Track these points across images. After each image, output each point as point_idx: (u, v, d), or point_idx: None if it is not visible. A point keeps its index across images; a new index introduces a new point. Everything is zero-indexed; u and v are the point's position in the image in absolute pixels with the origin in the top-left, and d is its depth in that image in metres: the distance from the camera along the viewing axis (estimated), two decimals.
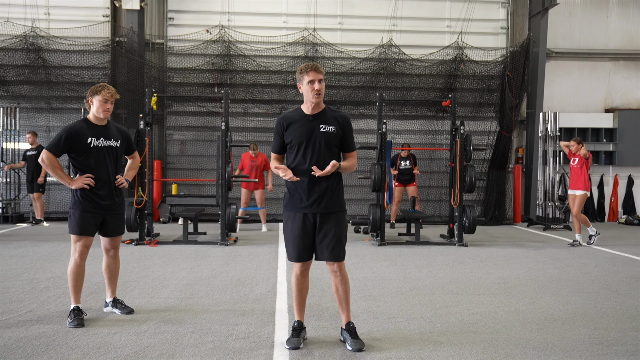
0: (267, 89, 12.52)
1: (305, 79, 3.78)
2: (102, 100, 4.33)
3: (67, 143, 4.30)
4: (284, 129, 3.84)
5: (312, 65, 3.81)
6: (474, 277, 6.43)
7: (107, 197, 4.42)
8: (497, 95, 12.91)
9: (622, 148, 13.32)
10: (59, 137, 4.30)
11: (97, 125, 4.41)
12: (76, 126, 4.36)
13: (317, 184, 3.78)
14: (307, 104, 3.85)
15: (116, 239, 4.62)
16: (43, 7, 12.23)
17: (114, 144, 4.46)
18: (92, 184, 4.32)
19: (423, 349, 3.87)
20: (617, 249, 8.74)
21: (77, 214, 4.35)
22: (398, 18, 12.84)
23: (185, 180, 12.27)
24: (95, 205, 4.37)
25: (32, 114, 12.13)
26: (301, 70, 3.82)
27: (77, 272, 4.38)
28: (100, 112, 4.36)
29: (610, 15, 13.50)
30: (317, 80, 3.76)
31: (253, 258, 7.50)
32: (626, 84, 13.59)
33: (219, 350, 3.79)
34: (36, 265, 6.77)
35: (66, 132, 4.32)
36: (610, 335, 4.25)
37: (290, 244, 3.87)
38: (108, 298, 4.67)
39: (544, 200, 12.80)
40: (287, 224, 3.91)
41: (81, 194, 4.36)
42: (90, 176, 4.33)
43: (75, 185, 4.32)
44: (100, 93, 4.33)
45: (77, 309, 4.37)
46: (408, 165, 11.10)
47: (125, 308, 4.61)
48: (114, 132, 4.50)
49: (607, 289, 5.87)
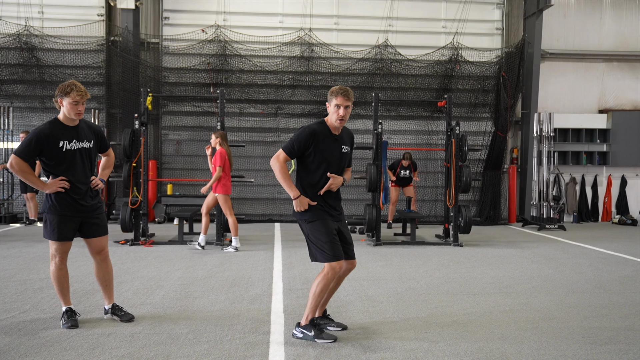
0: (262, 89, 12.51)
1: (333, 101, 3.94)
2: (72, 103, 4.06)
3: (38, 147, 4.06)
4: (312, 143, 3.94)
5: (344, 91, 3.94)
6: (469, 277, 6.46)
7: (83, 199, 4.21)
8: (492, 95, 12.95)
9: (615, 148, 13.40)
10: (29, 142, 4.05)
11: (69, 127, 4.17)
12: (46, 129, 4.10)
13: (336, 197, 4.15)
14: (331, 125, 4.02)
15: (100, 241, 4.37)
16: (37, 6, 12.17)
17: (87, 145, 4.25)
18: (67, 186, 4.12)
19: (419, 349, 3.88)
20: (610, 249, 8.80)
21: (54, 220, 4.15)
22: (394, 18, 12.86)
23: (180, 180, 12.25)
24: (72, 208, 4.17)
25: (25, 113, 12.06)
26: (332, 92, 3.96)
27: (60, 275, 4.25)
28: (72, 114, 4.11)
29: (604, 17, 13.58)
30: (343, 107, 3.92)
31: (248, 258, 7.49)
32: (620, 85, 13.67)
33: (214, 350, 3.79)
34: (29, 265, 6.73)
35: (36, 136, 4.06)
36: (604, 334, 4.29)
37: (331, 244, 3.92)
38: (106, 305, 4.49)
39: (538, 200, 12.85)
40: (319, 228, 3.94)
41: (56, 198, 4.14)
42: (64, 179, 4.12)
43: (50, 190, 4.11)
44: (69, 95, 4.04)
45: (70, 310, 4.29)
46: (408, 174, 11.16)
47: (126, 315, 4.43)
48: (85, 132, 4.26)
49: (600, 288, 5.92)
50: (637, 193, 13.70)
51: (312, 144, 3.92)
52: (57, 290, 4.29)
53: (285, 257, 7.58)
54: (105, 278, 4.45)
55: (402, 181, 11.18)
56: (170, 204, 11.32)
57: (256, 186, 12.07)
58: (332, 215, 4.03)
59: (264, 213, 12.38)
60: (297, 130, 4.05)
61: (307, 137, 3.92)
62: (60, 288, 4.28)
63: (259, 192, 12.35)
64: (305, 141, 3.92)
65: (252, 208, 12.38)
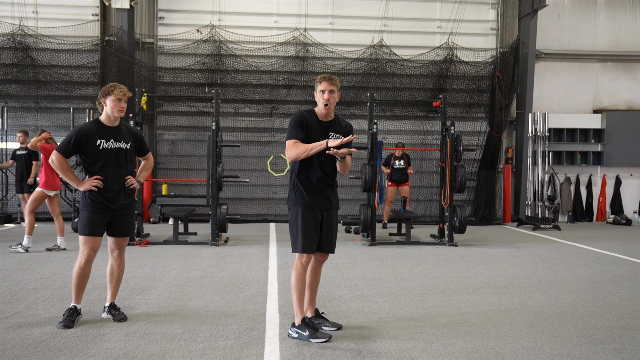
0: (258, 89, 12.51)
1: (318, 87, 4.03)
2: (115, 100, 4.32)
3: (77, 145, 4.30)
4: (304, 125, 4.00)
5: (327, 76, 4.04)
6: (464, 276, 6.48)
7: (116, 198, 4.39)
8: (487, 95, 13.00)
9: (610, 149, 13.46)
10: (69, 139, 4.31)
11: (108, 127, 4.39)
12: (86, 127, 4.35)
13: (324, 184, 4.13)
14: (319, 112, 4.08)
15: (122, 240, 4.55)
16: (31, 5, 12.13)
17: (124, 146, 4.44)
18: (100, 185, 4.32)
19: (414, 349, 3.89)
20: (605, 249, 8.84)
21: (86, 215, 4.34)
22: (389, 19, 12.88)
23: (175, 180, 12.24)
24: (103, 206, 4.36)
25: (20, 113, 12.02)
26: (317, 80, 4.06)
27: (83, 274, 4.39)
28: (115, 111, 4.34)
29: (598, 17, 13.64)
30: (327, 91, 3.99)
31: (244, 258, 7.49)
32: (614, 85, 13.73)
33: (210, 350, 3.79)
34: (24, 266, 6.70)
35: (76, 133, 4.32)
36: (598, 334, 4.30)
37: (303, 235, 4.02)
38: (107, 302, 4.59)
39: (533, 200, 12.91)
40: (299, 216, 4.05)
41: (89, 196, 4.34)
42: (98, 178, 4.32)
43: (84, 187, 4.32)
44: (112, 93, 4.33)
45: (74, 308, 4.38)
46: (402, 164, 11.14)
47: (119, 315, 4.51)
48: (124, 133, 4.47)
49: (595, 288, 5.95)
50: (631, 193, 13.76)
51: (305, 126, 3.99)
52: (74, 285, 4.40)
53: (281, 257, 7.59)
54: (115, 274, 4.58)
55: (397, 174, 11.10)
56: (165, 204, 11.30)
57: (251, 186, 12.10)
58: (321, 204, 4.08)
59: (259, 213, 12.38)
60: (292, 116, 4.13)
61: (299, 120, 4.00)
62: (78, 285, 4.40)
63: (254, 192, 12.35)
64: (299, 122, 3.99)
65: (247, 208, 12.38)
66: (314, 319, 4.26)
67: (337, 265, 6.92)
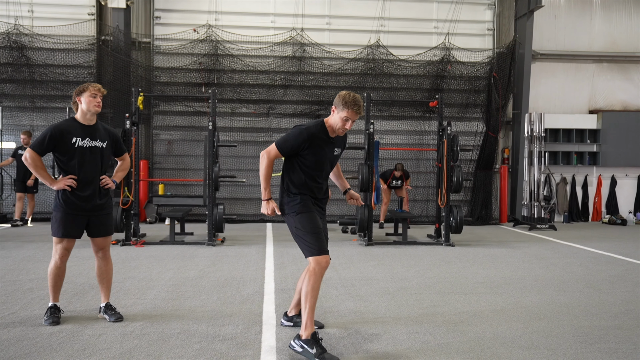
0: (254, 88, 12.52)
1: (343, 112, 3.79)
2: (90, 96, 4.28)
3: (52, 142, 4.24)
4: (307, 145, 3.83)
5: (357, 106, 3.77)
6: (460, 276, 6.50)
7: (91, 198, 4.33)
8: (484, 96, 13.05)
9: (605, 149, 13.55)
10: (44, 136, 4.24)
11: (84, 125, 4.34)
12: (61, 125, 4.30)
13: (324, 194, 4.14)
14: (330, 129, 3.91)
15: (103, 240, 4.50)
16: (26, 5, 12.11)
17: (99, 145, 4.38)
18: (74, 185, 4.25)
19: (410, 348, 3.90)
20: (600, 249, 8.88)
21: (59, 216, 4.29)
22: (386, 19, 12.92)
23: (172, 180, 12.25)
24: (78, 207, 4.29)
25: (15, 113, 11.99)
26: (345, 102, 3.77)
27: (57, 274, 4.37)
28: (92, 106, 4.29)
29: (594, 18, 13.71)
30: (351, 120, 3.82)
31: (240, 258, 7.50)
32: (609, 85, 13.82)
33: (206, 351, 3.79)
34: (19, 266, 6.69)
35: (51, 131, 4.25)
36: (594, 333, 4.32)
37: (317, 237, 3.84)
38: (102, 303, 4.58)
39: (529, 200, 12.92)
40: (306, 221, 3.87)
41: (63, 196, 4.28)
42: (72, 177, 4.26)
43: (57, 187, 4.25)
44: (87, 89, 4.30)
45: (55, 307, 4.40)
46: (399, 184, 11.27)
47: (115, 315, 4.49)
48: (101, 132, 4.42)
49: (590, 287, 5.97)
50: (627, 193, 13.85)
51: (307, 147, 3.84)
52: (50, 285, 4.39)
53: (277, 257, 7.59)
54: (103, 275, 4.55)
55: (394, 188, 11.34)
56: (161, 204, 11.27)
57: (248, 186, 12.08)
58: (318, 213, 4.03)
59: (256, 213, 12.37)
60: (292, 129, 3.94)
61: (303, 140, 3.82)
62: (53, 284, 4.39)
63: (251, 192, 12.35)
64: (300, 143, 3.83)
65: (243, 208, 12.40)
66: (297, 317, 4.29)
67: (333, 265, 6.91)
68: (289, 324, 4.37)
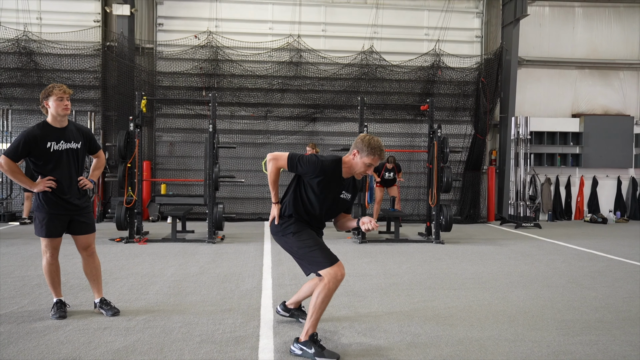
0: (253, 92, 12.68)
1: (367, 158, 3.61)
2: (57, 99, 4.16)
3: (26, 148, 4.13)
4: (315, 174, 3.66)
5: (382, 152, 3.62)
6: (450, 272, 6.55)
7: (71, 198, 4.27)
8: (472, 100, 13.24)
9: (587, 151, 13.81)
10: (18, 143, 4.13)
11: (57, 128, 4.23)
12: (34, 131, 4.17)
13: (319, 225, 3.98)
14: (346, 169, 3.71)
15: (86, 238, 4.42)
16: (35, 12, 12.29)
17: (74, 146, 4.29)
18: (53, 186, 4.18)
19: (402, 341, 3.97)
20: (582, 245, 9.05)
21: (42, 217, 4.23)
22: (379, 26, 13.17)
23: (173, 180, 12.36)
24: (58, 207, 4.24)
25: (24, 115, 12.10)
26: (372, 148, 3.59)
27: (51, 270, 4.36)
28: (60, 110, 4.18)
29: (576, 27, 14.02)
30: (374, 166, 3.68)
31: (239, 255, 7.51)
32: (591, 90, 14.08)
33: (206, 343, 3.83)
34: (27, 262, 6.71)
35: (25, 137, 4.13)
36: (576, 326, 4.41)
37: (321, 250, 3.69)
38: (96, 299, 4.55)
39: (515, 199, 12.99)
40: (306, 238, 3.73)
41: (43, 197, 4.21)
42: (51, 179, 4.18)
43: (37, 189, 4.18)
44: (53, 93, 4.17)
45: (60, 302, 4.41)
46: (392, 176, 11.20)
47: (111, 309, 4.46)
48: (74, 133, 4.32)
49: (573, 283, 6.06)
50: (607, 193, 14.10)
51: (313, 177, 3.65)
52: (48, 283, 4.41)
53: (275, 254, 7.57)
54: (93, 273, 4.52)
55: (386, 182, 11.25)
56: (163, 203, 11.29)
57: (246, 186, 12.21)
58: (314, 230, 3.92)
59: (254, 212, 12.50)
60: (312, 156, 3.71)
61: (314, 168, 3.63)
62: (51, 281, 4.39)
63: (249, 192, 12.49)
64: (310, 170, 3.64)
65: (242, 207, 12.52)
66: (295, 310, 4.36)
67: None
68: (284, 314, 4.38)
